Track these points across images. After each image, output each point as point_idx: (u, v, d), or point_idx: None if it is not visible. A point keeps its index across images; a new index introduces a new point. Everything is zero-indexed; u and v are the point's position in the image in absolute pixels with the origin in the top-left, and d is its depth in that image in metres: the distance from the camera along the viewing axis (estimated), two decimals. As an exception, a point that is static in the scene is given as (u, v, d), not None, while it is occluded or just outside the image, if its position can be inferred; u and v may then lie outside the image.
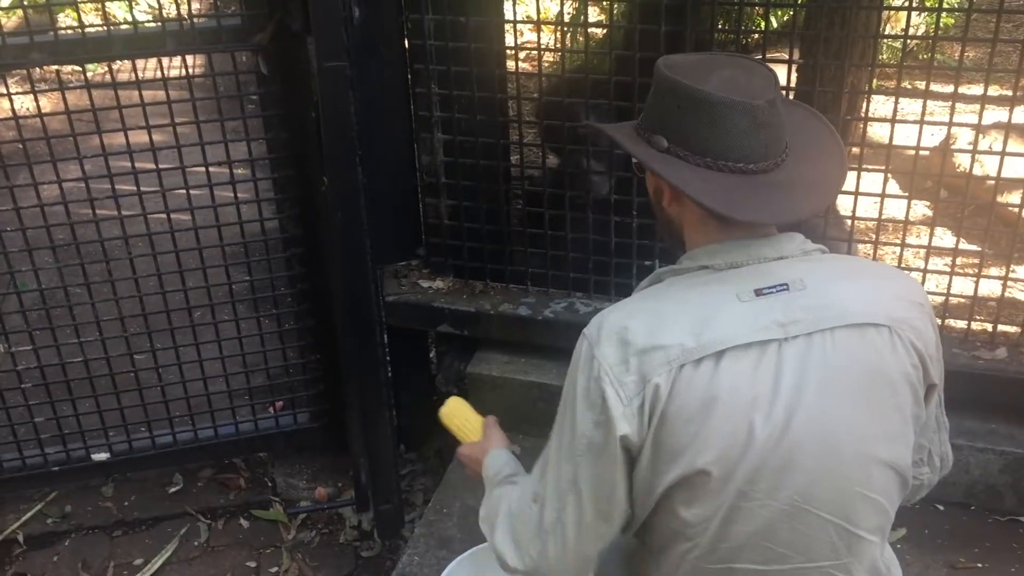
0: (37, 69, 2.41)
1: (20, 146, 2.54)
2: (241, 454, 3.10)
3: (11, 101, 2.46)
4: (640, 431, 1.44)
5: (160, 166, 2.53)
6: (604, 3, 2.68)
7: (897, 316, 1.48)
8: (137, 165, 2.51)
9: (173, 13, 2.37)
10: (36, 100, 2.44)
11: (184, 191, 2.57)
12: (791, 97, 2.53)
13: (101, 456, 2.87)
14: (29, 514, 2.96)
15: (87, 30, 2.35)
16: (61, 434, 2.82)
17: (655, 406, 1.42)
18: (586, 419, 1.47)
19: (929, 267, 2.50)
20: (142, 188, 2.54)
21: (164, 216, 2.59)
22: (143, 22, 2.43)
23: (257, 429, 2.94)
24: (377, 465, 2.76)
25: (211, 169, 2.55)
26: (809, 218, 1.54)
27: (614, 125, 1.63)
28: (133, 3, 2.41)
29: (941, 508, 2.54)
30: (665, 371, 1.41)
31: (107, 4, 2.41)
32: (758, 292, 1.46)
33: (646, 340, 1.44)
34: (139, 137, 2.49)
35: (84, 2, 2.35)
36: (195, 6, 2.44)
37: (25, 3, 2.58)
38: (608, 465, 1.47)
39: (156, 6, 2.37)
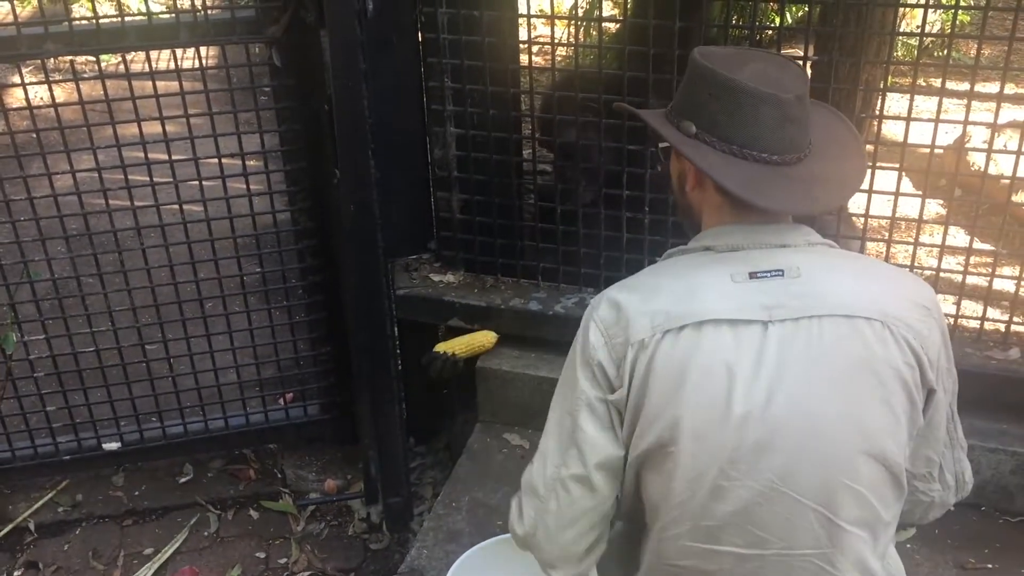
0: (51, 59, 2.41)
1: (34, 136, 2.55)
2: (251, 445, 3.11)
3: (26, 91, 2.47)
4: (624, 392, 1.51)
5: (173, 157, 2.53)
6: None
7: (894, 313, 1.48)
8: (150, 156, 2.52)
9: (187, 5, 2.37)
10: (50, 90, 2.45)
11: (197, 182, 2.58)
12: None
13: (112, 445, 2.88)
14: (40, 502, 2.98)
15: (101, 21, 2.35)
16: (73, 423, 2.83)
17: (635, 367, 1.49)
18: (584, 376, 1.55)
19: (942, 266, 2.48)
20: (155, 179, 2.55)
21: (177, 207, 2.59)
22: (157, 13, 2.43)
23: (267, 420, 2.95)
24: (386, 458, 2.76)
25: (224, 161, 2.56)
26: (823, 213, 1.56)
27: (647, 111, 1.66)
28: (147, -6, 2.41)
29: (952, 508, 2.52)
30: (647, 334, 1.48)
31: (122, -5, 2.42)
32: (752, 275, 1.50)
33: (637, 307, 1.51)
34: (152, 128, 2.50)
35: (99, -7, 2.36)
36: (209, -3, 2.44)
37: (40, -7, 2.59)
38: (603, 422, 1.55)
39: (170, -4, 2.37)
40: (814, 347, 1.45)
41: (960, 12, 5.21)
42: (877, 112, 2.63)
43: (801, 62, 2.35)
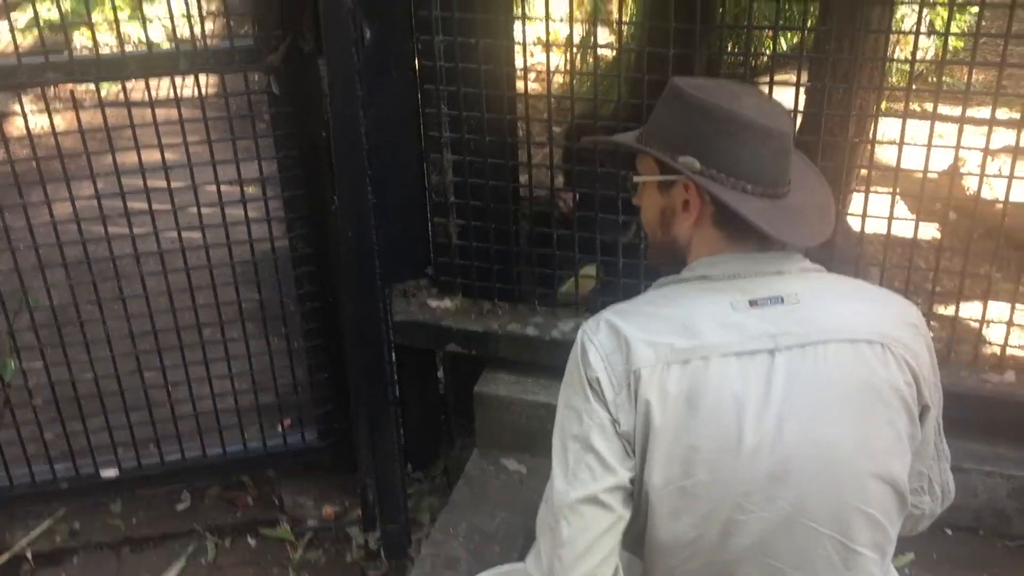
0: (52, 88, 2.43)
1: (34, 164, 2.56)
2: (249, 472, 3.11)
3: (26, 120, 2.49)
4: (630, 422, 1.47)
5: (172, 185, 2.55)
6: (614, 26, 2.70)
7: (890, 334, 1.50)
8: (149, 183, 2.53)
9: (187, 34, 2.40)
10: (50, 119, 2.46)
11: (195, 210, 2.59)
12: (799, 119, 2.55)
13: (110, 473, 2.87)
14: (37, 531, 2.97)
15: (101, 50, 2.37)
16: (70, 451, 2.83)
17: (638, 399, 1.45)
18: (588, 401, 1.49)
19: (937, 289, 2.49)
20: (154, 206, 2.56)
21: (175, 234, 2.60)
22: (157, 43, 2.45)
23: (265, 447, 2.95)
24: (384, 484, 2.76)
25: (222, 188, 2.57)
26: (822, 240, 1.57)
27: (632, 143, 1.64)
28: (147, 24, 2.43)
29: (949, 532, 2.52)
30: (651, 365, 1.44)
31: (121, 24, 2.44)
32: (752, 303, 1.49)
33: (638, 335, 1.47)
34: (151, 156, 2.51)
35: (98, 22, 2.39)
36: (208, 27, 2.46)
37: (41, 23, 2.62)
38: (615, 444, 1.48)
39: (170, 27, 2.39)
40: (821, 373, 1.45)
41: (953, 38, 5.26)
42: (870, 137, 2.66)
43: (795, 88, 2.37)
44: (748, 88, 1.59)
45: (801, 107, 2.44)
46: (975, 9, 2.30)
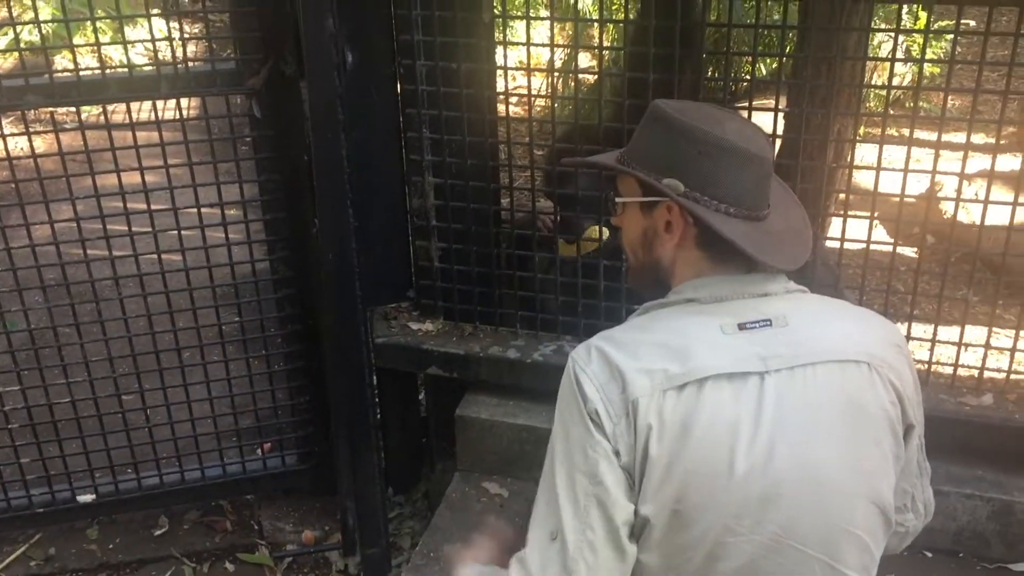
0: (32, 111, 2.43)
1: (13, 187, 2.55)
2: (228, 496, 3.08)
3: (4, 142, 2.48)
4: (628, 451, 1.45)
5: (152, 207, 2.54)
6: (594, 51, 2.73)
7: (876, 354, 1.51)
8: (129, 206, 2.53)
9: (168, 56, 2.40)
10: (30, 141, 2.46)
11: (176, 232, 2.58)
12: (778, 144, 2.57)
13: (87, 498, 2.84)
14: (12, 557, 2.93)
15: (82, 73, 2.37)
16: (47, 475, 2.80)
17: (638, 430, 1.44)
18: (590, 432, 1.46)
19: (915, 312, 2.51)
20: (134, 229, 2.55)
21: (155, 257, 2.59)
22: (139, 65, 2.46)
23: (244, 471, 2.93)
24: (364, 508, 2.75)
25: (203, 210, 2.57)
26: (803, 262, 1.58)
27: (613, 164, 1.64)
28: (128, 46, 2.43)
29: (929, 555, 2.53)
30: (647, 394, 1.44)
31: (103, 47, 2.44)
32: (741, 326, 1.49)
33: (631, 364, 1.46)
34: (132, 178, 2.51)
35: (80, 46, 2.39)
36: (190, 49, 2.47)
37: (21, 46, 2.62)
38: (620, 477, 1.46)
39: (152, 49, 2.39)
40: (810, 395, 1.45)
41: (929, 64, 5.33)
42: (848, 162, 2.68)
43: (773, 114, 2.40)
44: (729, 112, 1.60)
45: (780, 132, 2.47)
46: (950, 36, 2.33)
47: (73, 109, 2.47)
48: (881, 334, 1.56)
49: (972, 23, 5.56)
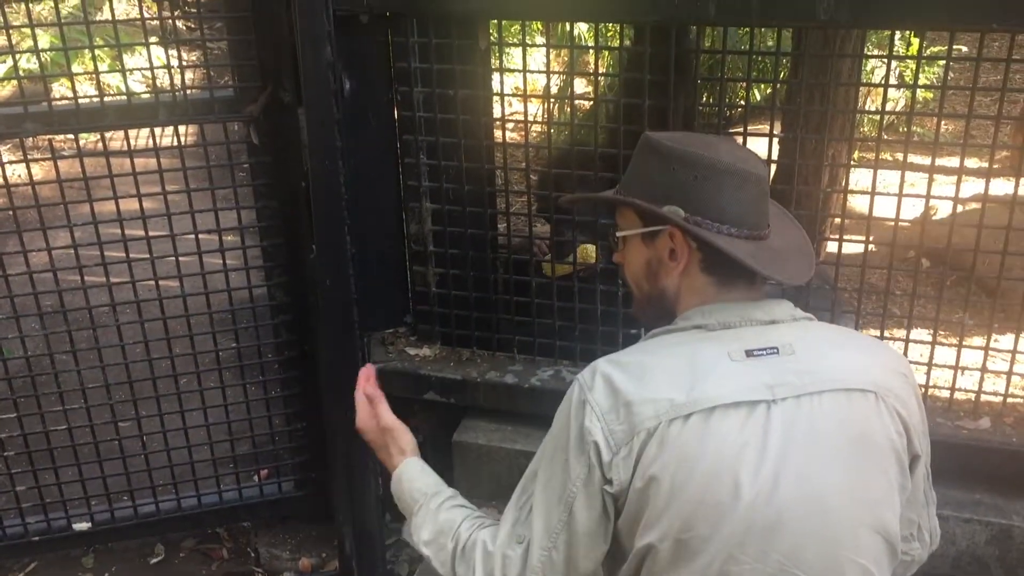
0: (30, 138, 2.44)
1: (11, 214, 2.56)
2: (224, 523, 3.07)
3: (3, 170, 2.48)
4: (625, 482, 1.46)
5: (150, 234, 2.54)
6: (590, 77, 2.75)
7: (883, 383, 1.51)
8: (127, 233, 2.53)
9: (167, 83, 2.41)
10: (28, 168, 2.46)
11: (173, 258, 2.59)
12: (773, 169, 2.58)
13: (83, 525, 2.83)
14: (7, 585, 2.91)
15: (80, 101, 2.38)
16: (43, 503, 2.78)
17: (641, 458, 1.44)
18: (579, 463, 1.49)
19: (911, 337, 2.52)
20: (131, 255, 2.56)
21: (153, 283, 2.60)
22: (137, 92, 2.47)
23: (241, 498, 2.92)
24: (362, 535, 2.73)
25: (201, 237, 2.57)
26: (807, 280, 1.60)
27: (616, 197, 1.66)
28: (127, 74, 2.44)
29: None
30: (653, 424, 1.44)
31: (102, 75, 2.45)
32: (749, 353, 1.49)
33: (637, 392, 1.46)
34: (130, 205, 2.51)
35: (78, 74, 2.40)
36: (189, 77, 2.48)
37: (20, 73, 2.63)
38: (597, 510, 1.50)
39: (150, 77, 2.40)
40: (817, 424, 1.45)
41: (922, 90, 5.37)
42: (843, 186, 2.70)
43: (768, 139, 2.41)
44: (721, 137, 1.63)
45: (775, 157, 2.48)
46: (943, 62, 2.35)
47: (71, 136, 2.48)
48: (888, 363, 1.56)
49: (964, 49, 5.61)
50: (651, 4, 2.26)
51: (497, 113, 2.69)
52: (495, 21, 2.53)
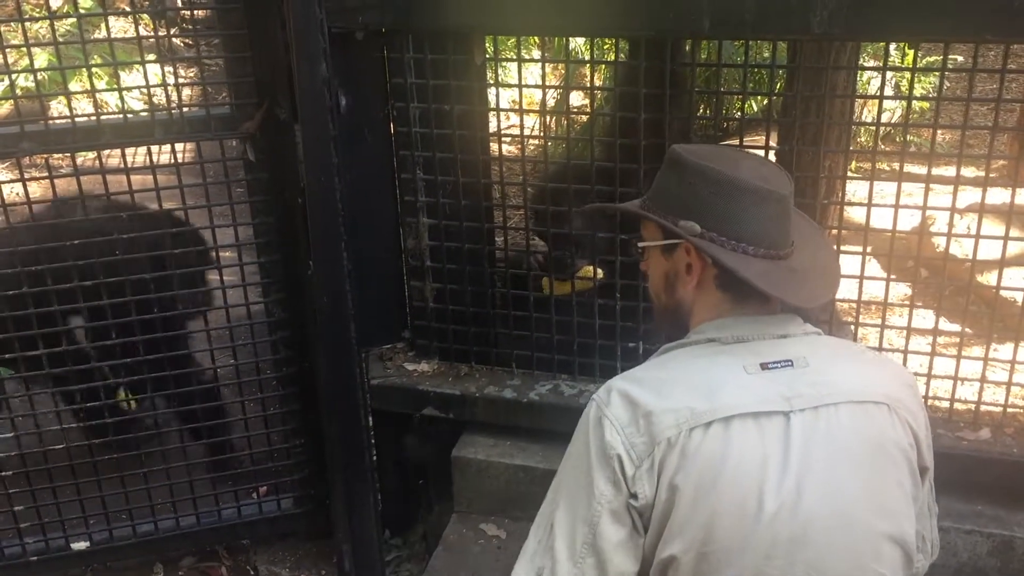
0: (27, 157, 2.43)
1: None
2: (223, 541, 3.04)
3: None
4: (650, 496, 1.46)
5: (147, 251, 2.54)
6: (586, 91, 2.76)
7: (894, 395, 1.53)
8: (124, 250, 2.53)
9: (163, 100, 2.41)
10: (25, 187, 2.46)
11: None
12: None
13: (81, 545, 2.81)
14: (5, 605, 2.89)
15: (77, 119, 2.38)
16: (40, 523, 2.77)
17: (664, 468, 1.44)
18: (603, 480, 1.48)
19: (910, 347, 2.51)
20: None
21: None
22: (135, 111, 2.47)
23: (240, 515, 2.90)
24: (361, 551, 2.72)
25: (198, 254, 2.57)
26: (826, 300, 1.60)
27: (638, 210, 1.67)
28: (124, 92, 2.44)
29: None
30: (674, 432, 1.44)
31: (98, 93, 2.45)
32: (764, 366, 1.51)
33: (656, 403, 1.47)
34: (127, 223, 2.51)
35: (75, 93, 2.40)
36: (185, 94, 2.48)
37: (18, 93, 2.63)
38: (626, 527, 1.48)
39: (146, 94, 2.40)
40: (835, 435, 1.46)
41: (918, 100, 5.38)
42: (839, 198, 2.70)
43: (763, 151, 2.41)
44: (746, 153, 1.64)
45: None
46: (938, 72, 2.35)
47: (68, 155, 2.48)
48: (896, 376, 1.59)
49: (960, 59, 5.62)
50: (646, 18, 2.26)
51: (493, 127, 2.69)
52: (490, 36, 2.53)
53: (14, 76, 2.36)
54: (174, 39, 4.86)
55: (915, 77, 2.34)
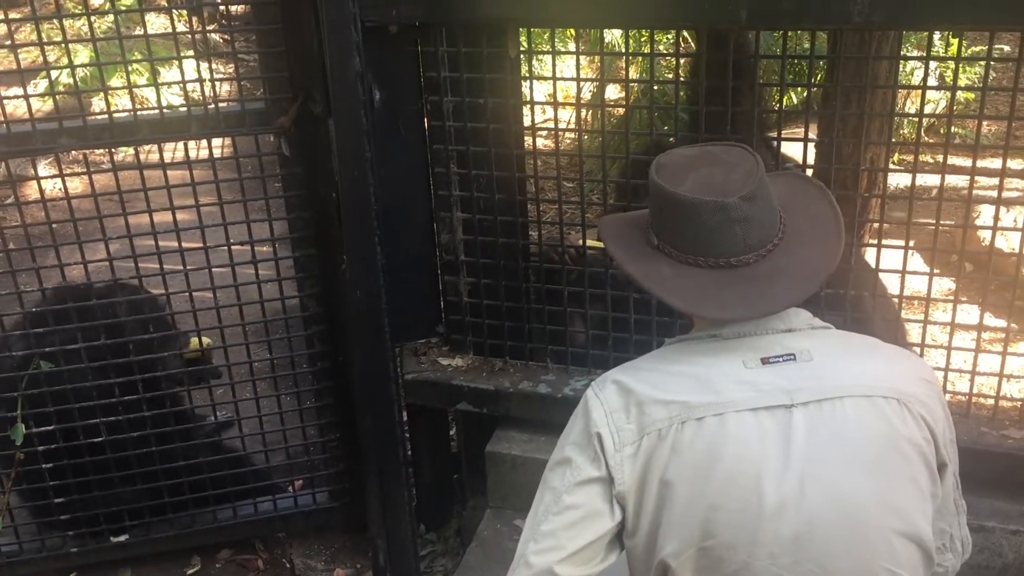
0: (66, 152, 2.46)
1: (48, 228, 2.58)
2: (260, 534, 3.07)
3: (40, 184, 2.51)
4: (631, 483, 1.46)
5: (184, 246, 2.56)
6: (622, 84, 2.73)
7: (906, 390, 1.49)
8: (161, 245, 2.55)
9: (199, 96, 2.42)
10: (64, 183, 2.49)
11: (207, 270, 2.60)
12: (809, 174, 2.54)
13: (120, 538, 2.85)
14: (46, 596, 2.93)
15: (115, 115, 2.40)
16: (81, 515, 2.80)
17: (652, 461, 1.44)
18: (583, 456, 1.51)
19: (954, 344, 2.46)
20: (166, 267, 2.57)
21: (187, 295, 2.61)
22: (173, 106, 2.49)
23: (276, 509, 2.92)
24: (396, 545, 2.73)
25: (234, 248, 2.58)
26: (790, 306, 1.55)
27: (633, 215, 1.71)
28: (162, 88, 2.46)
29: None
30: (665, 425, 1.45)
31: (136, 89, 2.47)
32: (764, 360, 1.50)
33: (649, 394, 1.48)
34: (164, 217, 2.53)
35: (113, 89, 2.42)
36: (221, 89, 2.49)
37: (57, 89, 2.67)
38: (600, 507, 1.49)
39: (183, 90, 2.42)
40: (840, 429, 1.43)
41: (963, 91, 5.28)
42: (881, 191, 2.65)
43: (802, 144, 2.37)
44: (713, 158, 1.58)
45: (811, 161, 2.44)
46: (983, 62, 2.30)
47: (107, 150, 2.51)
48: (911, 370, 1.54)
49: (1007, 48, 5.50)
50: (681, 9, 2.24)
51: (528, 121, 2.67)
52: (524, 29, 2.51)
53: (55, 74, 2.40)
54: (210, 35, 4.90)
55: (959, 67, 2.29)
